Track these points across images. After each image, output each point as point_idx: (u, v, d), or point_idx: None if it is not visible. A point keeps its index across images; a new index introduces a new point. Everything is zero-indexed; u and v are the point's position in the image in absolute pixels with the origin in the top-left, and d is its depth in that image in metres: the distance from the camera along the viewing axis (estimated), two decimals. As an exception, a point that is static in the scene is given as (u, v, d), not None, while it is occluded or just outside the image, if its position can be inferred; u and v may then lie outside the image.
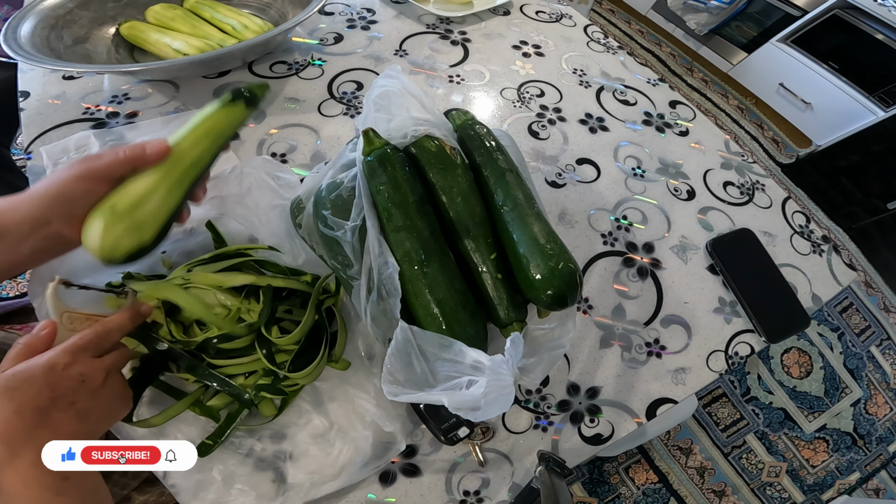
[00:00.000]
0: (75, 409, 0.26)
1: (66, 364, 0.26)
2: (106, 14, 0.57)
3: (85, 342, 0.27)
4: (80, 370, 0.26)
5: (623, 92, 0.67)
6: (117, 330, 0.29)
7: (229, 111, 0.33)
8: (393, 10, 0.70)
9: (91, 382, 0.27)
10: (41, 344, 0.27)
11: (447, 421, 0.36)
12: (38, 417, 0.24)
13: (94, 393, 0.27)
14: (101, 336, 0.28)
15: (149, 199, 0.30)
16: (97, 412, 0.28)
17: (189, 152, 0.32)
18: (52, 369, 0.25)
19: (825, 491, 1.12)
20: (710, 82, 1.94)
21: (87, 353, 0.27)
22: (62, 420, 0.25)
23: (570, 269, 0.33)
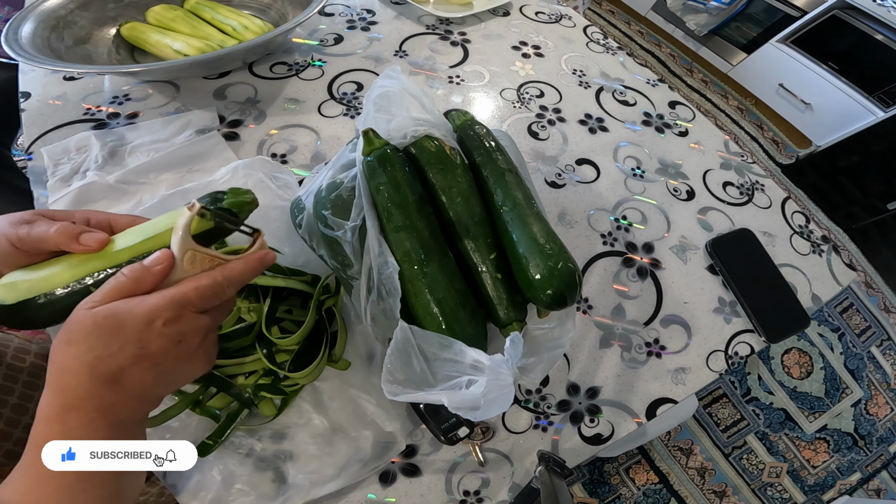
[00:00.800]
0: (157, 371, 0.23)
1: (168, 319, 0.22)
2: (106, 15, 0.57)
3: (198, 297, 0.23)
4: (181, 329, 0.23)
5: (622, 92, 0.67)
6: (238, 283, 0.25)
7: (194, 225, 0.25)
8: (393, 11, 0.70)
9: (187, 344, 0.24)
10: (151, 281, 0.23)
11: (447, 421, 0.36)
12: (111, 376, 0.22)
13: (186, 355, 0.24)
14: (218, 291, 0.24)
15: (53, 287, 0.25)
16: (177, 374, 0.25)
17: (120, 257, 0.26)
18: (150, 324, 0.22)
19: (826, 491, 1.12)
20: (709, 83, 1.94)
21: (194, 307, 0.24)
22: (137, 379, 0.22)
23: (570, 269, 0.34)
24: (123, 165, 0.47)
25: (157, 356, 0.23)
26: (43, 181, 0.46)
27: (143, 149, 0.49)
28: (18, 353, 0.46)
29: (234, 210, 0.27)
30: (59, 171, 0.46)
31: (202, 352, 0.25)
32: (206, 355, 0.26)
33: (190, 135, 0.50)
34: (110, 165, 0.47)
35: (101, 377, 0.21)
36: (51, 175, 0.46)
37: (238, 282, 0.26)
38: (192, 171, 0.48)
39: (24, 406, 0.44)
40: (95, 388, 0.22)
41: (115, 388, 0.22)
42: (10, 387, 0.43)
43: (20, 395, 0.44)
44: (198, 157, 0.49)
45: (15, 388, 0.44)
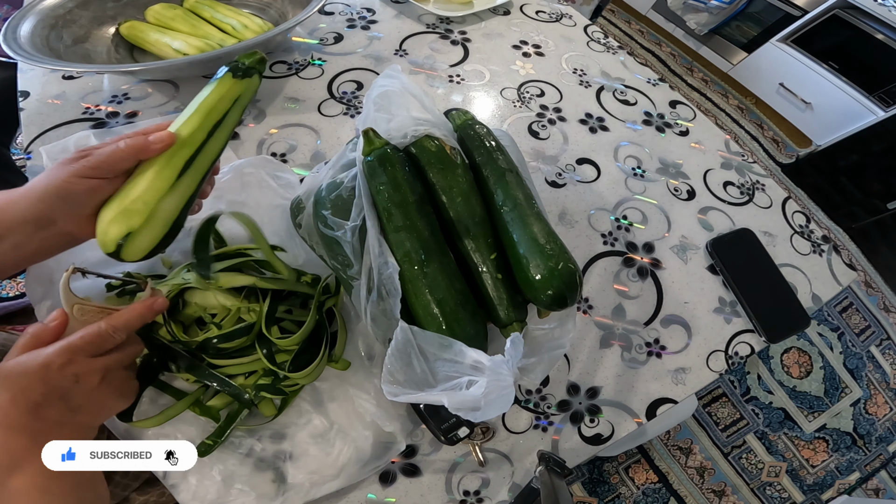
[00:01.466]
0: (67, 405, 0.26)
1: (60, 364, 0.26)
2: (106, 14, 0.57)
3: (84, 343, 0.27)
4: (75, 371, 0.26)
5: (623, 92, 0.67)
6: (123, 328, 0.29)
7: (230, 88, 0.32)
8: (393, 10, 0.70)
9: (85, 383, 0.27)
10: (49, 335, 0.27)
11: (447, 421, 0.36)
12: (30, 409, 0.25)
13: (89, 391, 0.27)
14: (103, 337, 0.28)
15: (160, 193, 0.29)
16: (91, 407, 0.28)
17: (195, 138, 0.30)
18: (47, 367, 0.25)
19: (825, 491, 1.12)
20: (710, 82, 1.94)
21: (84, 353, 0.27)
22: (53, 413, 0.26)
23: (570, 270, 0.33)
24: (123, 165, 0.47)
25: (61, 392, 0.26)
26: (42, 180, 0.45)
27: (143, 148, 0.48)
28: None
29: (259, 67, 0.33)
30: (58, 170, 0.46)
31: (109, 387, 0.28)
32: (117, 391, 0.29)
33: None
34: (110, 165, 0.47)
35: (23, 408, 0.25)
36: (50, 174, 0.45)
37: (124, 327, 0.29)
38: (191, 170, 0.48)
39: None
40: (21, 417, 0.25)
41: (37, 417, 0.26)
42: None
43: None
44: (197, 156, 0.49)
45: None
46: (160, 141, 0.29)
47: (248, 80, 0.32)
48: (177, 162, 0.30)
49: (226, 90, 0.31)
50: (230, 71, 0.32)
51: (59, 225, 0.29)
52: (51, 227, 0.29)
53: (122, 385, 0.29)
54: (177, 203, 0.30)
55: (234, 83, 0.32)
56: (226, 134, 0.32)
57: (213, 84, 0.32)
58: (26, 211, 0.28)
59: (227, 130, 0.32)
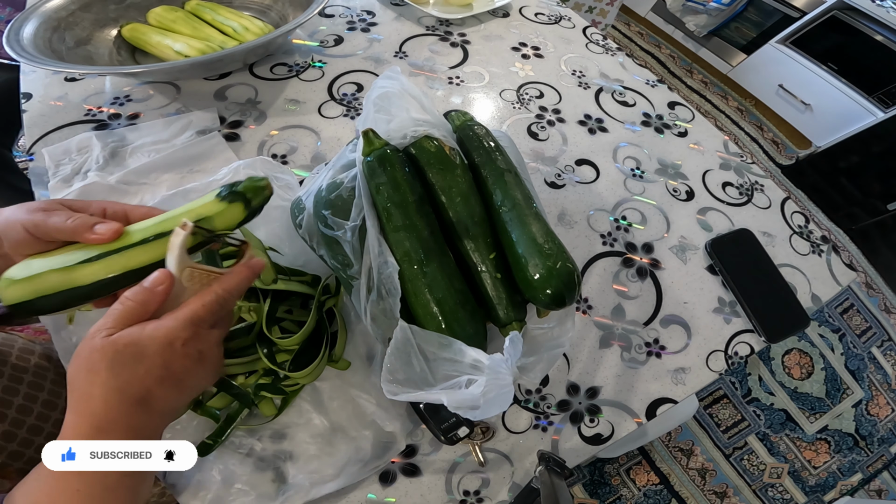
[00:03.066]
0: (180, 388, 0.24)
1: (186, 339, 0.23)
2: (107, 16, 0.58)
3: (208, 313, 0.24)
4: (199, 347, 0.24)
5: (622, 93, 0.67)
6: (237, 293, 0.26)
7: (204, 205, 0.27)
8: (393, 13, 0.70)
9: (207, 358, 0.25)
10: (156, 301, 0.24)
11: (447, 421, 0.36)
12: (139, 398, 0.23)
13: (206, 369, 0.25)
14: (223, 303, 0.25)
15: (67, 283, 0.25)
16: (197, 385, 0.26)
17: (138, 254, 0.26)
18: (171, 345, 0.23)
19: (827, 492, 1.12)
20: (709, 84, 1.94)
21: (206, 324, 0.24)
22: (163, 397, 0.23)
23: (568, 269, 0.34)
24: (124, 166, 0.47)
25: (180, 374, 0.24)
26: (44, 182, 0.46)
27: (144, 149, 0.49)
28: (23, 354, 0.46)
29: (249, 195, 0.28)
30: (60, 171, 0.46)
31: (218, 361, 0.26)
32: (219, 364, 0.27)
33: (191, 135, 0.51)
34: (111, 166, 0.47)
35: (130, 400, 0.22)
36: (52, 176, 0.46)
37: (237, 292, 0.27)
38: (192, 171, 0.49)
39: (29, 407, 0.44)
40: (125, 409, 0.22)
41: (143, 408, 0.23)
42: (15, 388, 0.43)
43: (25, 395, 0.44)
44: (198, 157, 0.49)
45: (20, 388, 0.44)
46: (100, 235, 0.26)
47: (227, 205, 0.27)
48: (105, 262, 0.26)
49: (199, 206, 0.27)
50: (220, 190, 0.27)
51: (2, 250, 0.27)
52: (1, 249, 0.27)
53: (222, 358, 0.27)
54: (57, 283, 0.25)
55: (213, 202, 0.27)
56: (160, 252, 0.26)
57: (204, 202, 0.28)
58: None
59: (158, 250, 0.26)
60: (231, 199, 0.27)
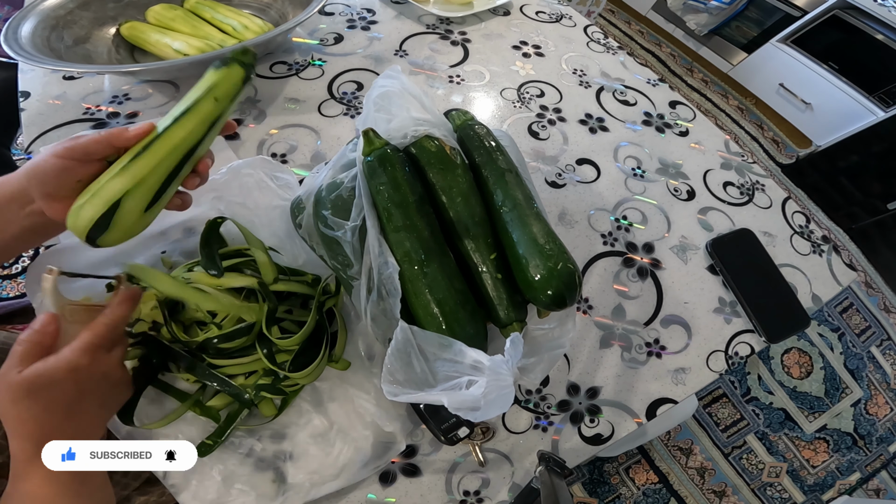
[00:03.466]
0: (98, 401, 0.28)
1: (87, 364, 0.26)
2: (106, 14, 0.57)
3: (101, 339, 0.27)
4: (103, 369, 0.27)
5: (623, 92, 0.67)
6: (122, 320, 0.30)
7: (218, 79, 0.31)
8: (393, 11, 0.70)
9: (111, 377, 0.28)
10: (49, 340, 0.27)
11: (447, 421, 0.36)
12: (66, 412, 0.26)
13: (114, 385, 0.29)
14: (112, 330, 0.28)
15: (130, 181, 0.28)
16: (114, 400, 0.30)
17: (175, 130, 0.29)
18: (76, 370, 0.26)
19: (826, 491, 1.12)
20: (709, 83, 1.94)
21: (102, 349, 0.28)
22: (87, 411, 0.27)
23: (569, 270, 0.33)
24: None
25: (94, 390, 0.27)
26: (43, 181, 0.45)
27: (143, 148, 0.49)
28: None
29: (239, 56, 0.31)
30: (58, 170, 0.46)
31: (124, 378, 0.30)
32: (126, 381, 0.30)
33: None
34: (110, 165, 0.47)
35: (59, 415, 0.26)
36: (51, 175, 0.45)
37: (124, 318, 0.30)
38: (192, 170, 0.48)
39: None
40: (57, 422, 0.26)
41: (73, 421, 0.26)
42: None
43: None
44: (198, 156, 0.49)
45: None
46: (136, 130, 0.29)
47: (224, 69, 0.31)
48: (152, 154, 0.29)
49: (203, 82, 0.31)
50: (226, 65, 0.31)
51: (35, 203, 0.28)
52: (30, 205, 0.28)
53: (127, 376, 0.31)
54: (146, 193, 0.29)
55: (211, 73, 0.31)
56: (198, 121, 0.30)
57: (205, 77, 0.31)
58: (13, 188, 0.28)
59: (198, 118, 0.30)
60: (227, 64, 0.31)
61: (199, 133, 0.30)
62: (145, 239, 0.41)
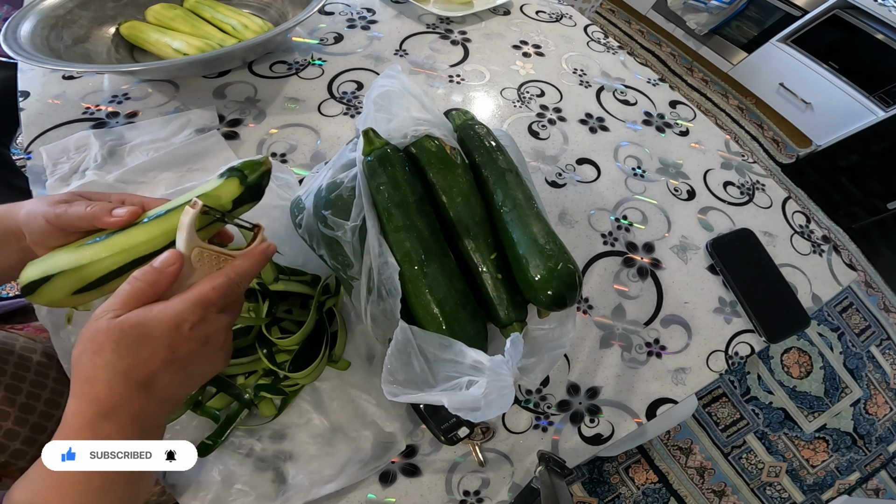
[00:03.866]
0: (184, 373, 0.24)
1: (194, 322, 0.23)
2: (106, 14, 0.57)
3: (218, 294, 0.24)
4: (207, 331, 0.24)
5: (623, 92, 0.67)
6: (248, 277, 0.26)
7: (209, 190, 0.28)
8: (393, 10, 0.70)
9: (213, 344, 0.24)
10: (166, 282, 0.24)
11: (447, 421, 0.36)
12: (143, 382, 0.22)
13: (211, 354, 0.25)
14: (234, 287, 0.25)
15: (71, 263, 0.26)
16: (202, 373, 0.26)
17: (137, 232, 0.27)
18: (178, 328, 0.22)
19: (825, 491, 1.12)
20: (710, 82, 1.94)
21: (215, 308, 0.24)
22: (166, 383, 0.23)
23: (569, 270, 0.33)
24: (123, 165, 0.47)
25: (186, 359, 0.23)
26: (42, 180, 0.45)
27: (143, 148, 0.49)
28: (25, 353, 0.46)
29: (246, 171, 0.29)
30: (58, 170, 0.46)
31: (226, 347, 0.26)
32: (226, 351, 0.27)
33: (189, 134, 0.50)
34: (109, 165, 0.47)
35: (135, 384, 0.22)
36: (50, 174, 0.45)
37: (248, 276, 0.26)
38: (191, 170, 0.48)
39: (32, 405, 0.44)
40: (129, 394, 0.22)
41: (146, 393, 0.23)
42: (18, 386, 0.43)
43: (28, 394, 0.44)
44: (197, 156, 0.49)
45: (23, 387, 0.44)
46: (118, 217, 0.27)
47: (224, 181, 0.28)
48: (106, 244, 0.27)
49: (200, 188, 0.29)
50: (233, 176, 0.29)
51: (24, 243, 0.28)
52: (24, 241, 0.28)
53: (230, 344, 0.27)
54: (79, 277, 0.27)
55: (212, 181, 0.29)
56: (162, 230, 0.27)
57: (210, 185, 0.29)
58: (13, 224, 0.28)
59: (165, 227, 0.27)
60: (227, 175, 0.29)
61: (160, 244, 0.27)
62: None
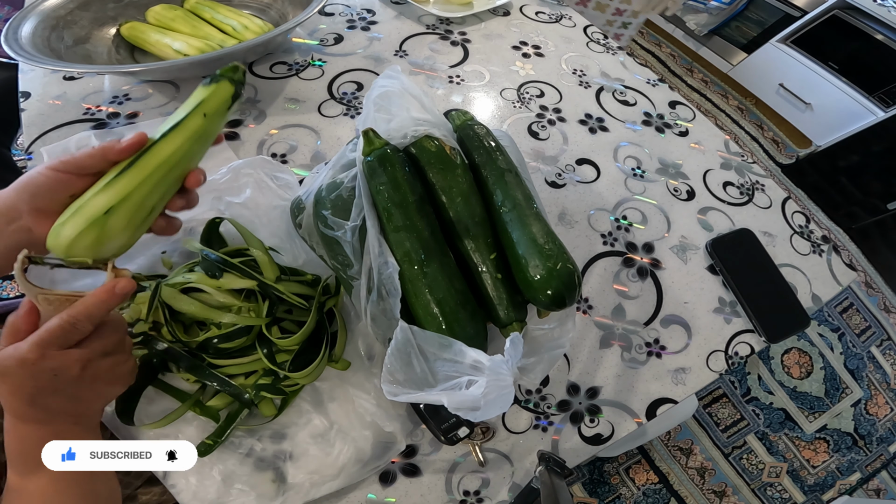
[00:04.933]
0: (64, 395, 0.26)
1: (34, 360, 0.24)
2: (106, 15, 0.57)
3: (50, 336, 0.25)
4: (51, 365, 0.25)
5: (623, 92, 0.67)
6: (85, 318, 0.26)
7: (207, 95, 0.31)
8: (393, 11, 0.70)
9: (64, 375, 0.26)
10: (23, 325, 0.26)
11: (447, 421, 0.36)
12: (29, 400, 0.26)
13: (76, 381, 0.26)
14: (66, 329, 0.25)
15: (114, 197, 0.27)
16: (85, 395, 0.28)
17: (163, 146, 0.29)
18: (23, 364, 0.24)
19: (826, 491, 1.12)
20: (709, 83, 1.94)
21: (54, 346, 0.25)
22: (53, 403, 0.26)
23: (569, 270, 0.34)
24: (123, 165, 0.47)
25: (51, 386, 0.26)
26: (43, 181, 0.45)
27: (143, 149, 0.49)
28: None
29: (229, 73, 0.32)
30: (59, 170, 0.46)
31: (93, 378, 0.27)
32: (106, 379, 0.28)
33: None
34: (110, 165, 0.47)
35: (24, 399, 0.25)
36: (51, 175, 0.45)
37: (86, 318, 0.26)
38: (192, 170, 0.48)
39: None
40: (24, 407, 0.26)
41: (38, 407, 0.26)
42: None
43: None
44: (198, 156, 0.49)
45: None
46: (128, 142, 0.28)
47: (214, 85, 0.31)
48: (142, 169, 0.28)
49: (192, 98, 0.31)
50: (216, 81, 0.31)
51: (23, 219, 0.28)
52: (17, 221, 0.28)
53: (110, 372, 0.28)
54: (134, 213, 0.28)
55: (200, 89, 0.31)
56: (185, 136, 0.29)
57: (197, 93, 0.31)
58: (2, 203, 0.27)
59: (186, 133, 0.30)
60: (216, 80, 0.31)
61: (187, 148, 0.30)
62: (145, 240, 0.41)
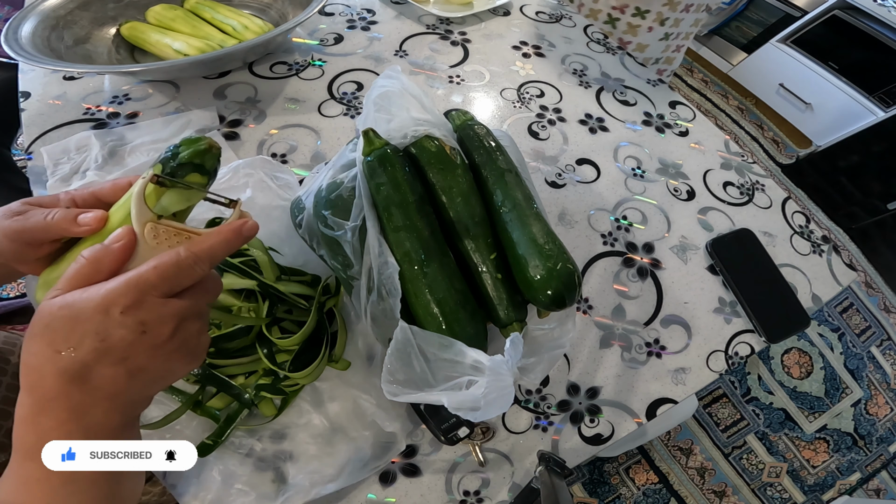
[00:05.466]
0: (126, 367, 0.20)
1: (126, 307, 0.19)
2: (106, 14, 0.57)
3: (159, 278, 0.20)
4: (143, 318, 0.20)
5: (623, 92, 0.67)
6: (207, 258, 0.22)
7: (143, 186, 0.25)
8: (393, 11, 0.70)
9: (153, 335, 0.20)
10: (111, 260, 0.21)
11: (447, 421, 0.36)
12: (76, 373, 0.19)
13: (156, 348, 0.21)
14: (184, 268, 0.21)
15: None
16: (154, 372, 0.22)
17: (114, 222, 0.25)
18: (106, 312, 0.19)
19: (826, 491, 1.12)
20: (709, 83, 1.94)
21: (157, 291, 0.20)
22: (106, 378, 0.20)
23: (569, 270, 0.34)
24: (123, 165, 0.47)
25: (121, 350, 0.20)
26: (43, 181, 0.45)
27: (143, 148, 0.49)
28: None
29: (196, 161, 0.23)
30: (58, 170, 0.46)
31: (179, 344, 0.22)
32: (187, 349, 0.22)
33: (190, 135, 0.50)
34: (110, 165, 0.47)
35: (66, 375, 0.19)
36: (50, 175, 0.46)
37: (208, 257, 0.22)
38: (192, 170, 0.48)
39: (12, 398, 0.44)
40: (61, 386, 0.19)
41: (82, 387, 0.20)
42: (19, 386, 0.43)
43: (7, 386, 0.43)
44: (198, 156, 0.49)
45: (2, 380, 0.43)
46: (86, 225, 0.24)
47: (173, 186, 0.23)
48: None
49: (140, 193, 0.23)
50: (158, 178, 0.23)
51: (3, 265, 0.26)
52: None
53: (194, 340, 0.23)
54: None
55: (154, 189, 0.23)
56: None
57: None
58: None
59: None
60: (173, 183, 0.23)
61: None
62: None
